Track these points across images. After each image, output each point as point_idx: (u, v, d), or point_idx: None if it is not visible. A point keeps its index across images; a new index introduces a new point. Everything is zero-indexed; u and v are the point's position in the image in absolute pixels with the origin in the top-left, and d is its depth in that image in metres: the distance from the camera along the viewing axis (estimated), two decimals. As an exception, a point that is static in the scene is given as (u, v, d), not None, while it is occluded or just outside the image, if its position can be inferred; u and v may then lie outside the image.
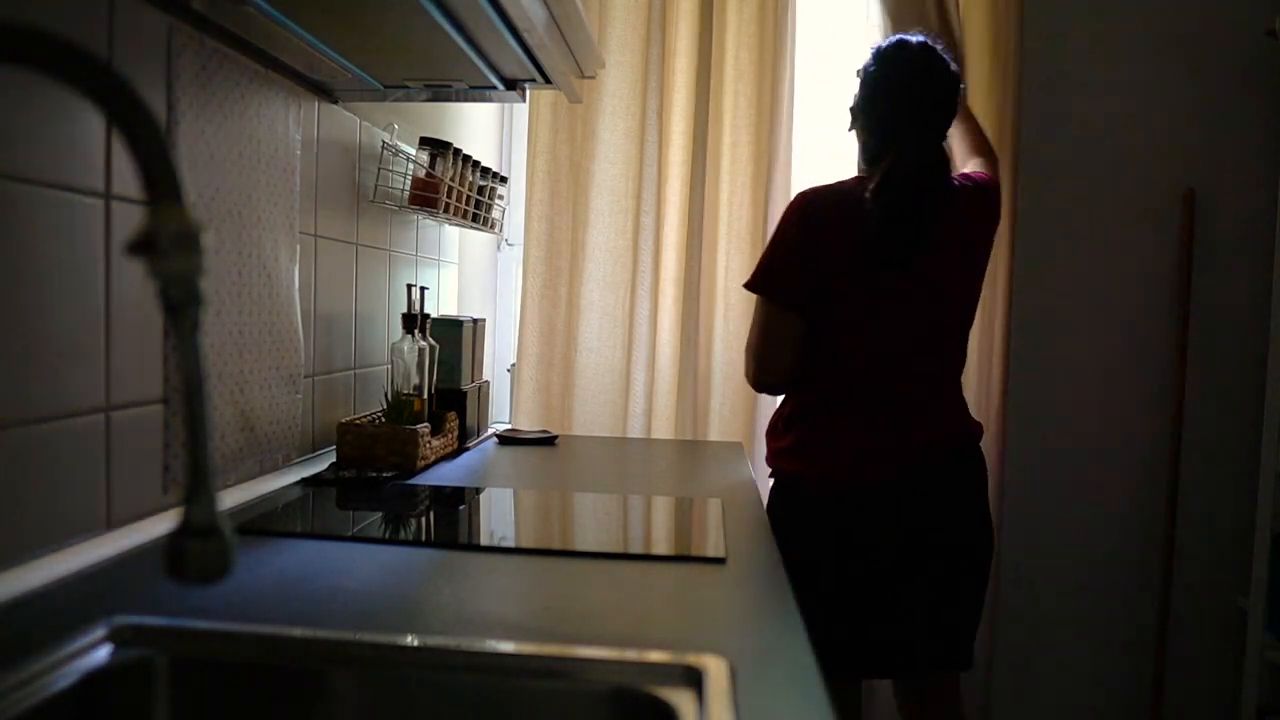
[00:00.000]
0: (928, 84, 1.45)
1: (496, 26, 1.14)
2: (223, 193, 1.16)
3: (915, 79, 1.45)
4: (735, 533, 1.18)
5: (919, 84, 1.45)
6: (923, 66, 1.45)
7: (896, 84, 1.45)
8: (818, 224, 1.44)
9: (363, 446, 1.50)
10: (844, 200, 1.45)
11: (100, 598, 0.82)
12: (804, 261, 1.44)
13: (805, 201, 1.47)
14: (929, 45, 1.47)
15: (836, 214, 1.44)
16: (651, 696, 0.68)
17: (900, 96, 1.45)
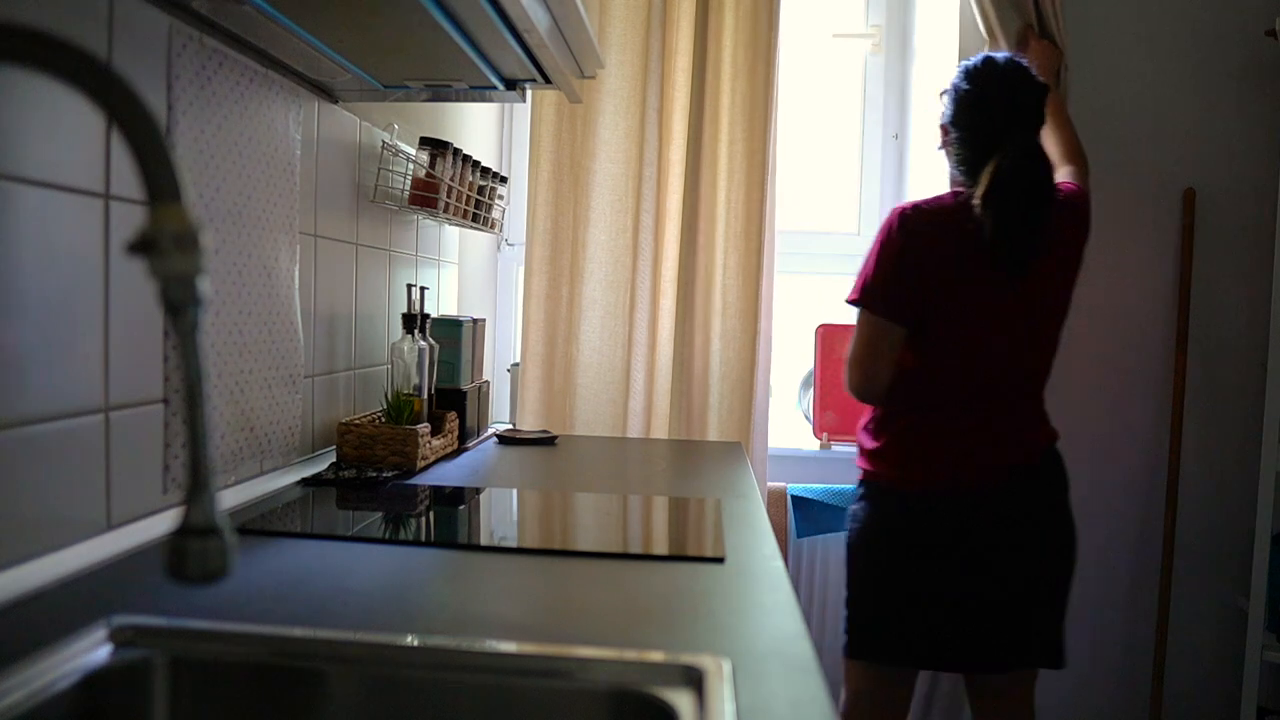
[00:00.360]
0: (1019, 93, 1.51)
1: (496, 26, 1.14)
2: (223, 193, 1.16)
3: (1007, 89, 1.51)
4: (734, 532, 1.18)
5: (1011, 94, 1.51)
6: (1013, 78, 1.52)
7: (990, 95, 1.51)
8: (918, 238, 1.49)
9: (363, 446, 1.50)
10: (943, 214, 1.51)
11: (100, 598, 0.82)
12: (905, 274, 1.49)
13: (904, 216, 1.51)
14: (1015, 60, 1.54)
15: (935, 228, 1.50)
16: (651, 696, 0.68)
17: (995, 107, 1.50)
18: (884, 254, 1.51)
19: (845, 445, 2.37)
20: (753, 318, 2.20)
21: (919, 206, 1.52)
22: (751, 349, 2.20)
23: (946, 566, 1.47)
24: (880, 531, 1.51)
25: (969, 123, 1.52)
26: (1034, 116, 1.52)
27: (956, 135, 1.54)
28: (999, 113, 1.50)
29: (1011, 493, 1.48)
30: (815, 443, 2.38)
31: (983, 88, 1.51)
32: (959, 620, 1.47)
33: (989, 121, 1.50)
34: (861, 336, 1.54)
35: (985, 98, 1.51)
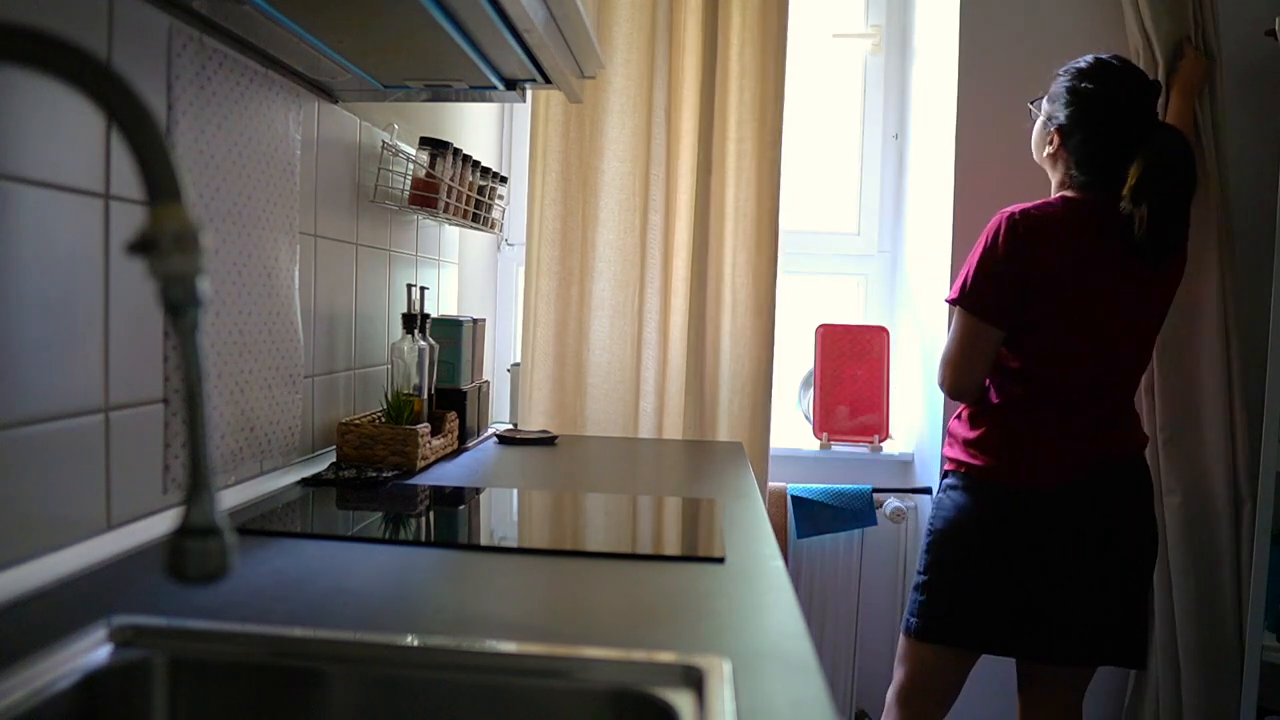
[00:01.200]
0: (1146, 91, 1.53)
1: (496, 26, 1.14)
2: (223, 193, 1.16)
3: (1134, 87, 1.53)
4: (735, 532, 1.18)
5: (1139, 91, 1.53)
6: (1136, 75, 1.54)
7: (1118, 94, 1.52)
8: (1024, 243, 1.50)
9: (363, 446, 1.50)
10: (1054, 219, 1.52)
11: (100, 598, 0.82)
12: (1007, 279, 1.51)
13: (1013, 221, 1.51)
14: (1123, 59, 1.56)
15: (1045, 233, 1.50)
16: (651, 696, 0.68)
17: (1126, 104, 1.51)
18: (987, 257, 1.53)
19: (845, 445, 2.37)
20: (765, 316, 2.20)
21: (1027, 212, 1.52)
22: (762, 348, 2.20)
23: (1036, 559, 1.50)
24: (972, 521, 1.54)
25: (1099, 120, 1.52)
26: (1156, 114, 1.55)
27: (1082, 136, 1.53)
28: (1132, 110, 1.51)
29: (1107, 491, 1.51)
30: (815, 443, 2.38)
31: (1108, 86, 1.52)
32: (1044, 611, 1.50)
33: (1125, 119, 1.51)
34: (958, 336, 1.56)
35: (1114, 96, 1.51)
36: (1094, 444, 1.52)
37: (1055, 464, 1.51)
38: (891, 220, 2.53)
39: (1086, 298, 1.50)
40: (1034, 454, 1.52)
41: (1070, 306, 1.50)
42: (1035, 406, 1.53)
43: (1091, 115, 1.53)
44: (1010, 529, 1.52)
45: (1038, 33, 2.09)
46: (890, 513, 2.26)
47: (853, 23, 2.53)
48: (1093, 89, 1.53)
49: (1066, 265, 1.50)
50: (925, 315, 2.26)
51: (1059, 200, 1.56)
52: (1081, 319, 1.51)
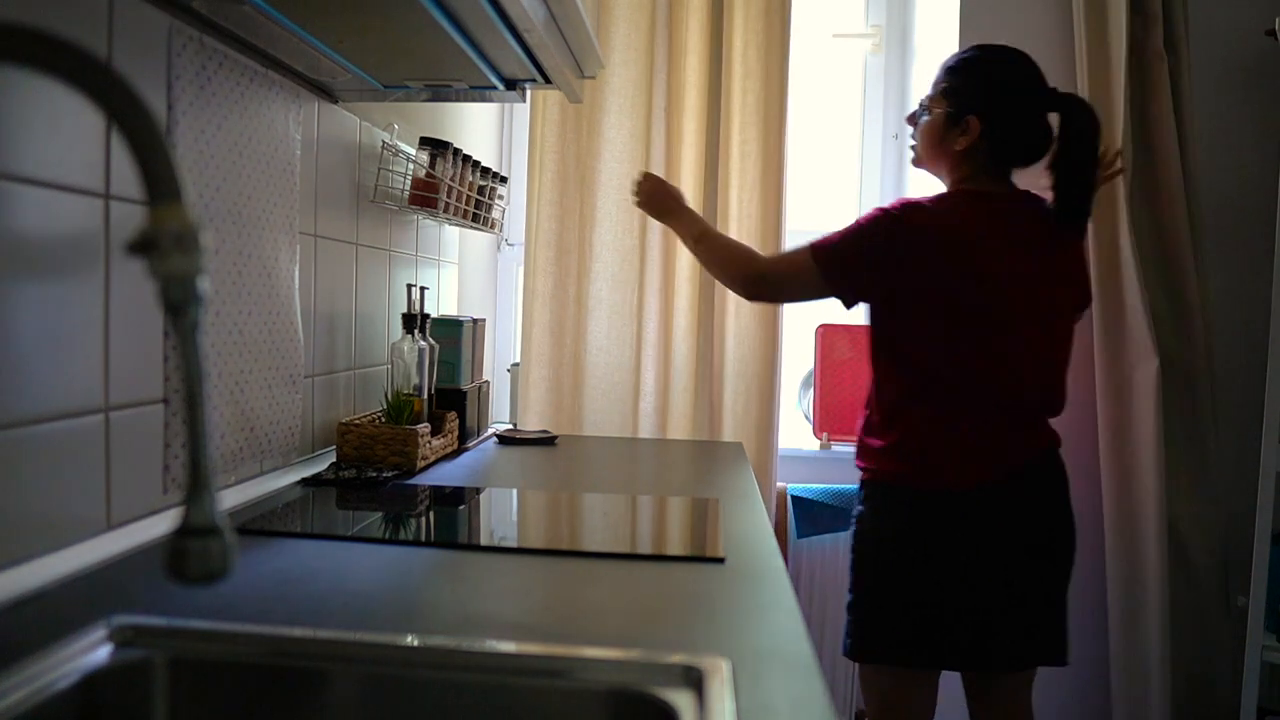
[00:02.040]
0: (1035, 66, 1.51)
1: (496, 26, 1.14)
2: (223, 193, 1.16)
3: (1029, 63, 1.51)
4: (735, 532, 1.18)
5: (1033, 67, 1.51)
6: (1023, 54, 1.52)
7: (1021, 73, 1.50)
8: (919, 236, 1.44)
9: (363, 446, 1.50)
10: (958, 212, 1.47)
11: (100, 598, 0.82)
12: (873, 264, 1.47)
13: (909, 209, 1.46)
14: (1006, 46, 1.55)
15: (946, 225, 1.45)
16: (651, 696, 0.68)
17: (1031, 81, 1.50)
18: (869, 232, 1.47)
19: (845, 445, 2.37)
20: (770, 316, 2.20)
21: (923, 204, 1.47)
22: (768, 347, 2.20)
23: (956, 564, 1.46)
24: (890, 531, 1.49)
25: (1020, 103, 1.49)
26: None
27: (1005, 122, 1.48)
28: (1037, 85, 1.50)
29: (1021, 491, 1.48)
30: (815, 443, 2.38)
31: (1022, 69, 1.50)
32: (972, 618, 1.46)
33: (1030, 96, 1.49)
34: (794, 274, 1.54)
35: (1030, 75, 1.50)
36: (1007, 444, 1.47)
37: (967, 466, 1.45)
38: (891, 220, 2.53)
39: (991, 295, 1.44)
40: (945, 457, 1.46)
41: (975, 304, 1.44)
42: (944, 409, 1.47)
43: (1013, 97, 1.49)
44: (927, 535, 1.46)
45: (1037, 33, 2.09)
46: (890, 513, 2.25)
47: (853, 23, 2.53)
48: (1008, 73, 1.50)
49: (971, 263, 1.44)
50: (925, 315, 2.26)
51: (963, 195, 1.50)
52: (989, 316, 1.45)
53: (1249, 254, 2.13)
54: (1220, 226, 2.15)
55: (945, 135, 1.52)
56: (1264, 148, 2.11)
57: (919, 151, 1.59)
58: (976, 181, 1.51)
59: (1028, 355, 1.48)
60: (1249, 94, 2.13)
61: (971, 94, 1.50)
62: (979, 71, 1.51)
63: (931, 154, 1.56)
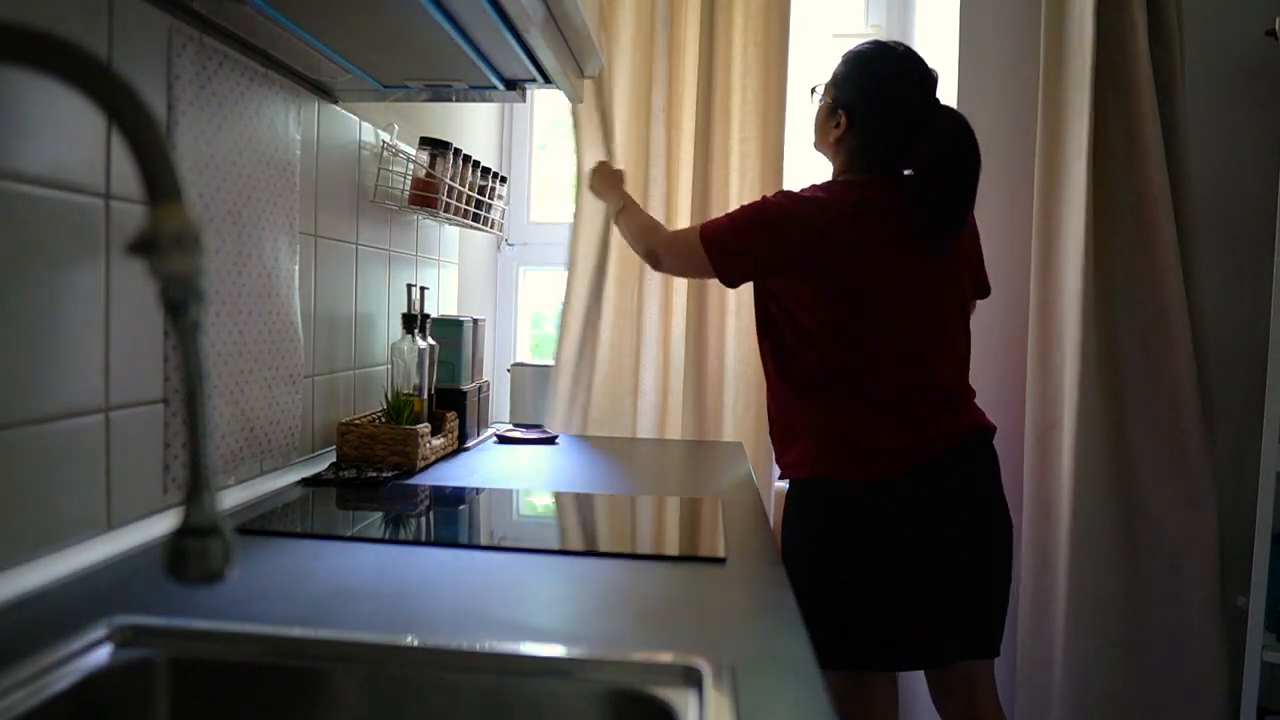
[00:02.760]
0: (928, 71, 1.52)
1: (496, 26, 1.14)
2: (223, 193, 1.16)
3: (919, 67, 1.52)
4: (735, 533, 1.18)
5: (924, 71, 1.52)
6: (917, 57, 1.53)
7: (906, 73, 1.51)
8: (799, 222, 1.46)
9: (363, 446, 1.50)
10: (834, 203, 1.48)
11: (100, 598, 0.83)
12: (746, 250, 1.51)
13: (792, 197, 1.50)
14: (906, 45, 1.54)
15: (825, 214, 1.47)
16: (651, 696, 0.68)
17: (914, 84, 1.50)
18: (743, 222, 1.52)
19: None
20: None
21: (805, 196, 1.50)
22: None
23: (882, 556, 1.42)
24: (814, 528, 1.46)
25: (885, 101, 1.51)
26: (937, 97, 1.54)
27: (868, 116, 1.51)
28: (917, 91, 1.50)
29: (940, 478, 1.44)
30: (815, 443, 2.38)
31: (894, 66, 1.51)
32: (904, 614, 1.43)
33: (910, 103, 1.50)
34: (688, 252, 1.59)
35: (900, 75, 1.50)
36: (922, 430, 1.45)
37: (876, 454, 1.44)
38: (891, 220, 2.53)
39: (875, 281, 1.45)
40: (853, 447, 1.45)
41: (866, 288, 1.45)
42: (845, 399, 1.47)
43: (878, 95, 1.51)
44: (853, 527, 1.44)
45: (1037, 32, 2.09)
46: (890, 513, 2.25)
47: (853, 23, 2.53)
48: (880, 69, 1.52)
49: (856, 247, 1.45)
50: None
51: (844, 184, 1.52)
52: (873, 302, 1.46)
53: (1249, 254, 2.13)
54: (1220, 226, 2.15)
55: (823, 125, 1.59)
56: (1264, 148, 2.11)
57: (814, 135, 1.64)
58: (854, 171, 1.54)
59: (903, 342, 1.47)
60: (1249, 94, 2.13)
61: (845, 89, 1.55)
62: (856, 68, 1.54)
63: (818, 140, 1.62)
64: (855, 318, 1.46)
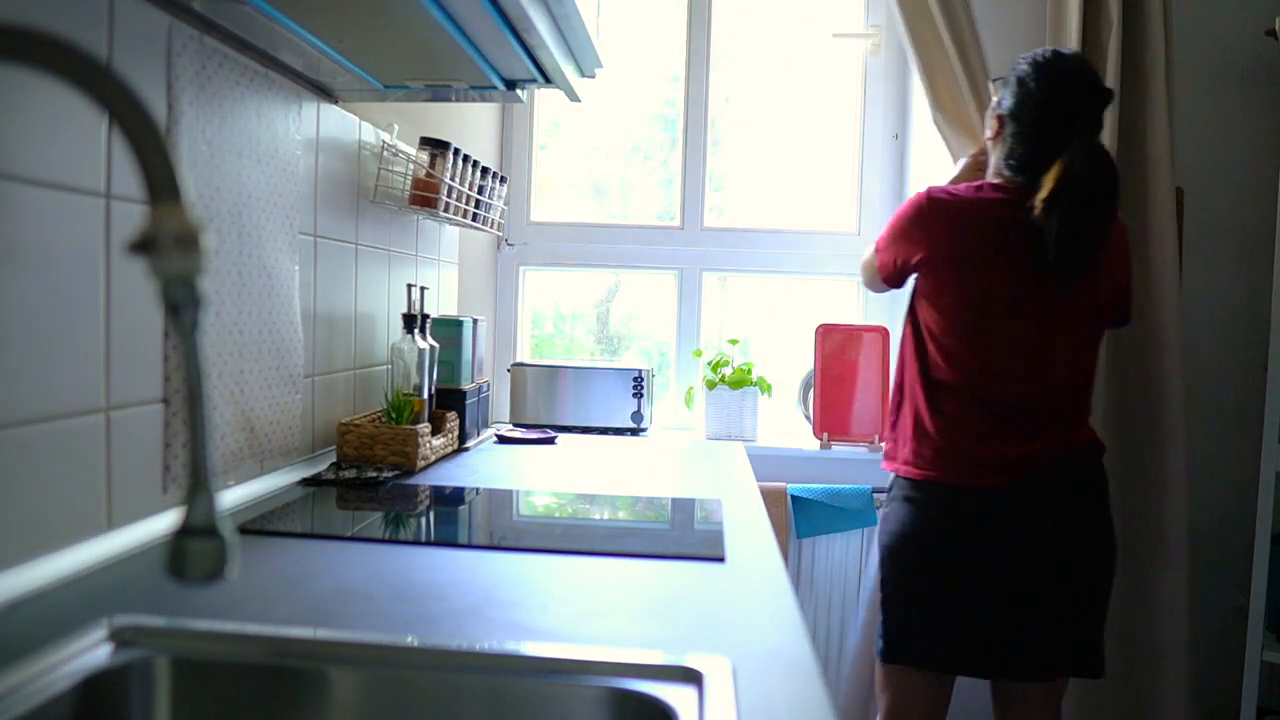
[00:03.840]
0: (1090, 96, 1.48)
1: (497, 26, 1.14)
2: (223, 193, 1.16)
3: (1078, 89, 1.47)
4: (735, 532, 1.18)
5: (1082, 95, 1.47)
6: (1085, 79, 1.48)
7: (1061, 94, 1.47)
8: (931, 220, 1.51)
9: (363, 446, 1.50)
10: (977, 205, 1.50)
11: (100, 598, 0.83)
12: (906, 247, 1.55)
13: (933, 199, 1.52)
14: (1084, 58, 1.54)
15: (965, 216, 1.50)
16: (651, 696, 0.68)
17: (1064, 107, 1.47)
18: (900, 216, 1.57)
19: (845, 445, 2.37)
20: None
21: (947, 194, 1.52)
22: None
23: (983, 565, 1.45)
24: (917, 529, 1.49)
25: (1033, 118, 1.48)
26: (1099, 122, 1.49)
27: (1016, 130, 1.50)
28: (1067, 114, 1.46)
29: (1048, 493, 1.46)
30: (815, 443, 2.38)
31: (1053, 85, 1.48)
32: (999, 624, 1.45)
33: (1055, 121, 1.46)
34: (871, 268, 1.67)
35: (1056, 96, 1.47)
36: (1028, 442, 1.46)
37: (981, 462, 1.46)
38: (891, 220, 2.53)
39: (1003, 288, 1.46)
40: (966, 453, 1.47)
41: (987, 296, 1.46)
42: (959, 404, 1.49)
43: (1028, 110, 1.49)
44: (951, 532, 1.46)
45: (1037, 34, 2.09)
46: (890, 513, 2.26)
47: (853, 23, 2.53)
48: (1036, 83, 1.49)
49: (981, 253, 1.46)
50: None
51: (985, 186, 1.53)
52: (999, 308, 1.46)
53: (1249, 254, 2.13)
54: (1220, 226, 2.15)
55: (988, 121, 1.60)
56: (1264, 148, 2.11)
57: None
58: (1000, 175, 1.55)
59: (1020, 355, 1.47)
60: (1249, 94, 2.13)
61: (1007, 92, 1.54)
62: (1020, 74, 1.52)
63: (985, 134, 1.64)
64: (975, 325, 1.48)
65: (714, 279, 2.61)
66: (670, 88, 2.62)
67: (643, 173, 2.71)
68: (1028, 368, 1.47)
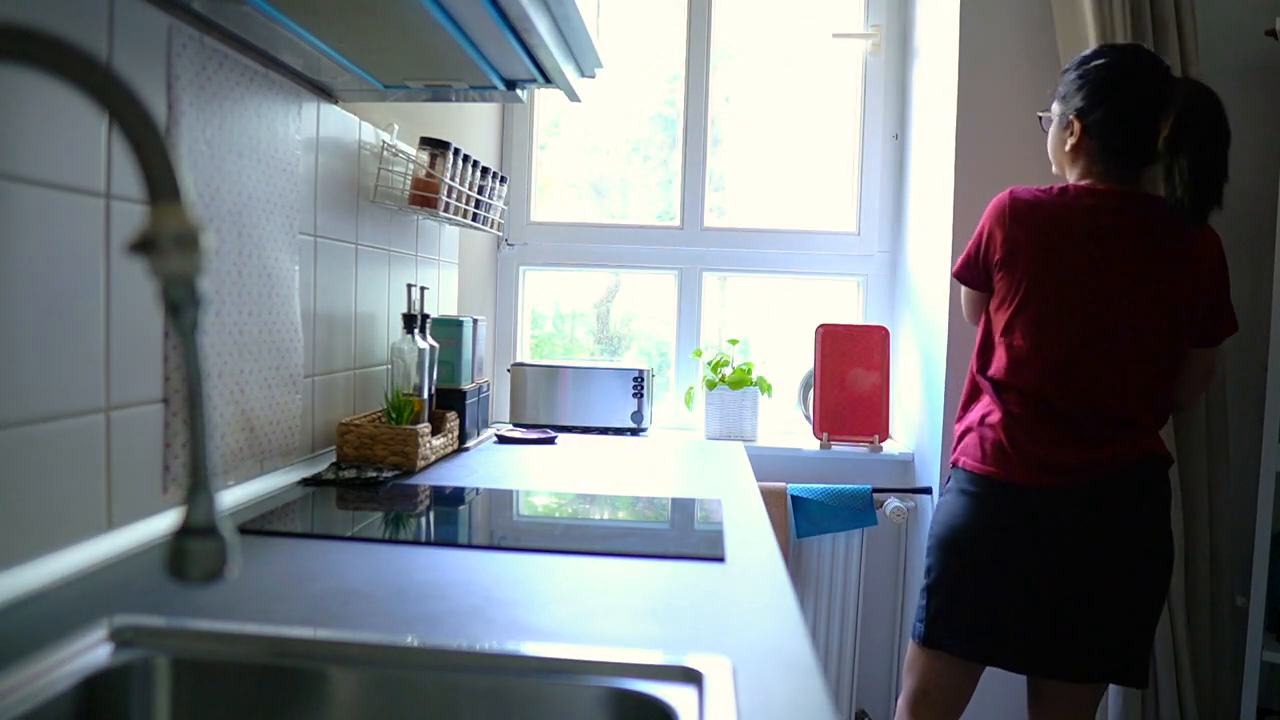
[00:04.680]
0: (1156, 61, 1.52)
1: (497, 26, 1.14)
2: (223, 193, 1.16)
3: (1145, 56, 1.52)
4: (735, 532, 1.18)
5: (1152, 60, 1.51)
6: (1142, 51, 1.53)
7: (1132, 65, 1.50)
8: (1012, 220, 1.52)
9: (363, 446, 1.50)
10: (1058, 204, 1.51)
11: (100, 598, 0.83)
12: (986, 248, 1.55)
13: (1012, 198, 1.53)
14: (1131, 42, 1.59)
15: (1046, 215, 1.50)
16: (651, 696, 0.68)
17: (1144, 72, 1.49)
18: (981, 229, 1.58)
19: (845, 445, 2.37)
20: None
21: (1027, 195, 1.52)
22: None
23: (1036, 562, 1.46)
24: (974, 522, 1.51)
25: (1121, 89, 1.49)
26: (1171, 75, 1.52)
27: (1103, 111, 1.49)
28: (1152, 73, 1.49)
29: (1111, 498, 1.46)
30: (815, 443, 2.38)
31: (1123, 56, 1.51)
32: (1046, 622, 1.46)
33: (1143, 82, 1.48)
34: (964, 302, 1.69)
35: (1131, 64, 1.50)
36: (1092, 448, 1.46)
37: (1050, 464, 1.47)
38: (891, 220, 2.54)
39: (1081, 292, 1.46)
40: (1029, 453, 1.48)
41: (1063, 298, 1.47)
42: (1030, 405, 1.49)
43: (1110, 86, 1.49)
44: (1005, 529, 1.49)
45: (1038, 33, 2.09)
46: (890, 513, 2.26)
47: (853, 23, 2.53)
48: (1105, 63, 1.51)
49: (1061, 255, 1.47)
50: (925, 315, 2.26)
51: (1071, 187, 1.52)
52: (1075, 312, 1.46)
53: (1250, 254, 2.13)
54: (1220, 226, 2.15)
55: (1058, 141, 1.60)
56: (1264, 148, 2.11)
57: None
58: (1094, 176, 1.53)
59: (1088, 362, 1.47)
60: (1249, 94, 2.13)
61: (1073, 96, 1.54)
62: (1078, 74, 1.54)
63: (1055, 162, 1.62)
64: (1048, 328, 1.48)
65: (714, 279, 2.61)
66: (670, 88, 2.62)
67: (643, 173, 2.71)
68: (1099, 373, 1.47)
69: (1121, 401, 1.48)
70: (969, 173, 2.09)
